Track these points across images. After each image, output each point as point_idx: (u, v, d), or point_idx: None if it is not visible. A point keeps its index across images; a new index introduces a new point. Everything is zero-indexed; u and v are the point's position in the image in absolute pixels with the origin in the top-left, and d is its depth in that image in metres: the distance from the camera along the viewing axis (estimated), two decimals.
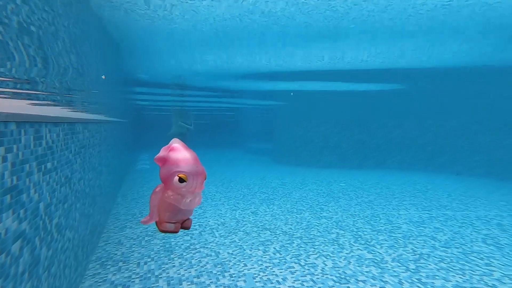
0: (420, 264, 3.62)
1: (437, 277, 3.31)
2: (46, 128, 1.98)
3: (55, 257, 2.08)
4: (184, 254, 3.83)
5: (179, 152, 1.05)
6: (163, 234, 4.48)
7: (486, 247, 4.16)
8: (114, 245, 4.05)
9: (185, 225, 1.18)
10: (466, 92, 10.16)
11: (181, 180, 1.01)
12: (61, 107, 2.40)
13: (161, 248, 4.00)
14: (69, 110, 2.60)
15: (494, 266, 3.58)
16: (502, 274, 3.39)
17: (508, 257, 3.85)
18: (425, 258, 3.79)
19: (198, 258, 3.72)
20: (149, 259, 3.67)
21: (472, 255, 3.90)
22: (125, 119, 9.26)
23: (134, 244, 4.12)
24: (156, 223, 1.16)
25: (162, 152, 1.08)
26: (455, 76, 8.15)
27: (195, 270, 3.41)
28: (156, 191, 1.11)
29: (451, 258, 3.80)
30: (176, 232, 1.15)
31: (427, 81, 9.04)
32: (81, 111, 3.02)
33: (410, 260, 3.72)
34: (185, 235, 4.45)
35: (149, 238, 4.33)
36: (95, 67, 3.68)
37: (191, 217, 1.21)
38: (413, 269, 3.50)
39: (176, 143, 1.09)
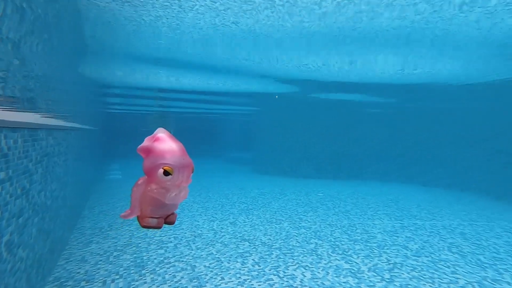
0: (394, 274, 3.72)
1: (409, 286, 3.41)
2: (1, 134, 1.77)
3: (1, 280, 1.82)
4: (157, 269, 3.59)
5: (165, 143, 0.98)
6: (134, 246, 4.18)
7: (452, 255, 4.40)
8: (77, 263, 3.70)
9: (169, 220, 1.10)
10: (432, 107, 11.02)
11: (166, 173, 0.94)
12: (22, 111, 2.18)
13: (131, 263, 3.72)
14: (32, 114, 2.37)
15: (459, 274, 3.78)
16: (466, 281, 3.59)
17: (471, 264, 4.09)
18: (399, 267, 3.91)
19: (172, 272, 3.51)
20: (117, 276, 3.38)
21: (440, 263, 4.09)
22: (96, 126, 8.74)
23: (101, 260, 3.79)
24: (138, 218, 1.08)
25: (146, 142, 1.00)
26: (423, 92, 8.82)
27: (169, 286, 3.20)
28: (138, 183, 1.03)
29: (421, 266, 3.96)
30: (160, 227, 1.06)
31: (397, 96, 9.67)
32: (46, 116, 2.78)
33: (385, 270, 3.81)
34: (158, 248, 4.20)
35: (118, 253, 4.02)
36: (61, 67, 3.44)
37: (176, 211, 1.13)
38: (387, 278, 3.59)
39: (161, 133, 1.02)
